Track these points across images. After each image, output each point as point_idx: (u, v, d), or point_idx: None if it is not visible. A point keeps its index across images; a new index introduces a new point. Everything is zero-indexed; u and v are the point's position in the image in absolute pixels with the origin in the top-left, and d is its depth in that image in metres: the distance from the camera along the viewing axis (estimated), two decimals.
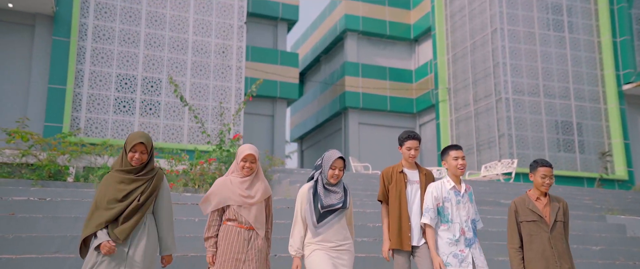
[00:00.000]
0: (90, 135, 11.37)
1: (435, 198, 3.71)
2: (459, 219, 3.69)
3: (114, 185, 3.19)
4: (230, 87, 13.01)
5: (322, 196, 3.46)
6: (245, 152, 3.43)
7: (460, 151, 3.81)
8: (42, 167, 7.02)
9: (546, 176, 3.77)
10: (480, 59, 16.54)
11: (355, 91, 18.94)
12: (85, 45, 11.81)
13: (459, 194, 3.76)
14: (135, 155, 3.19)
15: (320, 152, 21.39)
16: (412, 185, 3.83)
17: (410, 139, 3.86)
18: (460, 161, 3.75)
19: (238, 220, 3.39)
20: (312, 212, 3.45)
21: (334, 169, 3.47)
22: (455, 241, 3.63)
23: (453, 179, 3.76)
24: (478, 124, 16.42)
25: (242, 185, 3.41)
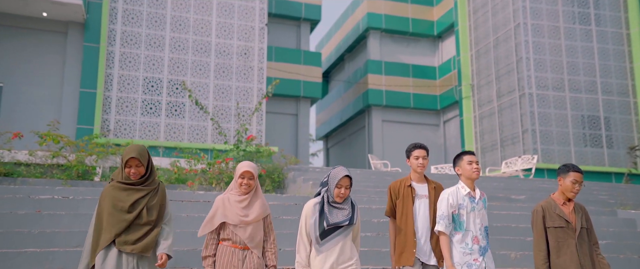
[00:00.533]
0: (119, 136, 11.92)
1: (451, 205, 3.62)
2: (473, 227, 3.61)
3: (117, 196, 3.18)
4: (252, 87, 13.37)
5: (327, 214, 3.36)
6: (243, 169, 3.39)
7: (474, 155, 3.75)
8: (71, 167, 7.49)
9: (577, 182, 3.69)
10: (503, 55, 16.41)
11: (378, 88, 19.06)
12: (114, 50, 12.37)
13: (474, 200, 3.67)
14: (131, 170, 3.19)
15: (345, 150, 21.60)
16: (420, 199, 3.74)
17: (417, 148, 3.78)
18: (474, 165, 3.67)
19: (232, 240, 3.34)
20: (316, 228, 3.36)
21: (340, 188, 3.36)
22: (469, 250, 3.56)
23: (468, 184, 3.68)
24: (502, 120, 16.30)
25: (239, 204, 3.37)
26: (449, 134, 19.29)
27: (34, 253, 4.29)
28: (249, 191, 3.41)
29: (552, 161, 14.98)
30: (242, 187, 3.39)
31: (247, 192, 3.40)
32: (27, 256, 4.24)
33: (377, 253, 5.18)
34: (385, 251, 5.28)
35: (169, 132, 12.38)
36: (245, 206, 3.35)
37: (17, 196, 5.28)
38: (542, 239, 3.65)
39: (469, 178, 3.66)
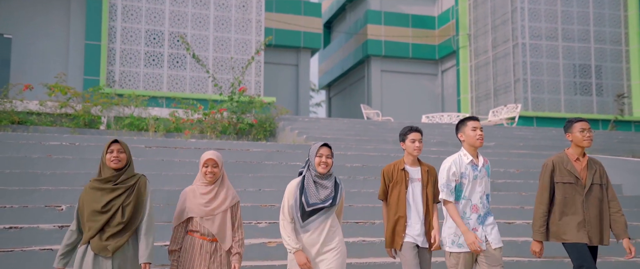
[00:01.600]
0: (124, 87, 12.58)
1: (453, 174, 3.54)
2: (473, 196, 3.55)
3: (93, 197, 3.12)
4: (251, 39, 13.83)
5: (309, 193, 3.32)
6: (206, 157, 3.34)
7: (478, 121, 3.66)
8: (78, 117, 8.20)
9: (584, 129, 3.66)
10: (499, 4, 16.57)
11: (377, 38, 19.35)
12: (116, 2, 12.82)
13: (477, 168, 3.60)
14: (113, 155, 3.15)
15: (346, 100, 22.15)
16: (413, 183, 3.72)
17: (412, 131, 3.75)
18: (479, 131, 3.59)
19: (200, 232, 3.30)
20: (297, 209, 3.34)
21: (321, 156, 3.34)
22: (467, 218, 3.51)
23: (470, 152, 3.60)
24: (496, 70, 16.68)
25: (205, 196, 3.32)
26: (447, 83, 19.70)
27: (47, 191, 5.04)
28: (215, 180, 3.35)
29: (542, 109, 15.48)
30: (206, 176, 3.33)
31: (212, 182, 3.34)
32: (41, 193, 5.00)
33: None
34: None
35: (171, 83, 13.01)
36: (211, 198, 3.31)
37: (30, 142, 6.02)
38: (545, 193, 3.66)
39: (472, 145, 3.59)
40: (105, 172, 3.15)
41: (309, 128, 8.54)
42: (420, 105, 19.42)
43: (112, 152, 3.15)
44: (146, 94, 12.18)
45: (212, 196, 3.30)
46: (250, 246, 4.72)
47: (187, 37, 13.21)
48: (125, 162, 3.20)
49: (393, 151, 7.38)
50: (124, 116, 8.59)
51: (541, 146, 8.60)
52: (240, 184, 5.63)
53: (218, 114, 8.45)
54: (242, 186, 5.62)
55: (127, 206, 3.11)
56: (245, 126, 8.59)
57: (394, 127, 9.67)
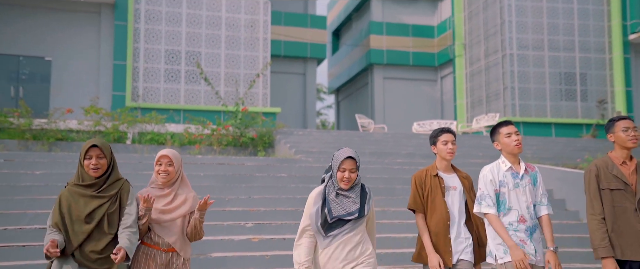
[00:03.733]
0: (147, 101, 14.34)
1: (492, 182, 3.31)
2: (517, 206, 3.28)
3: (74, 204, 2.87)
4: (258, 56, 15.45)
5: (331, 204, 3.04)
6: (159, 154, 3.06)
7: (512, 126, 3.40)
8: (108, 133, 9.92)
9: (628, 128, 3.31)
10: (490, 17, 17.81)
11: (379, 48, 20.77)
12: (139, 27, 14.57)
13: (518, 176, 3.34)
14: (91, 162, 2.87)
15: (352, 104, 23.63)
16: (451, 191, 3.46)
17: (444, 132, 3.51)
18: (514, 136, 3.34)
19: (154, 241, 3.01)
20: (318, 219, 3.04)
21: (343, 171, 3.02)
22: (515, 229, 3.24)
23: (509, 159, 3.37)
24: (487, 78, 17.95)
25: (161, 199, 3.03)
26: (446, 89, 21.00)
27: None
28: (169, 181, 3.07)
29: (529, 114, 16.72)
30: (159, 175, 3.05)
31: (167, 183, 3.06)
32: None
33: None
34: None
35: (188, 96, 14.72)
36: (169, 201, 3.04)
37: (67, 161, 7.74)
38: (597, 202, 3.28)
39: (510, 153, 3.35)
40: (86, 177, 2.90)
41: (300, 142, 10.10)
42: (421, 110, 20.78)
43: (91, 159, 2.89)
44: (165, 107, 13.93)
45: (169, 200, 3.02)
46: (238, 241, 6.29)
47: (201, 55, 14.90)
48: (106, 167, 2.94)
49: (368, 163, 8.85)
50: (146, 132, 10.30)
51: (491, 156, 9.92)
52: (234, 193, 7.23)
53: (224, 130, 10.08)
54: (235, 194, 7.21)
55: (113, 214, 2.89)
56: (247, 140, 10.21)
57: (377, 139, 11.15)
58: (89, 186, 2.93)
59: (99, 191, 2.94)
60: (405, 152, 9.72)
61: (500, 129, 3.44)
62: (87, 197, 2.91)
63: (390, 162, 8.96)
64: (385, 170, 8.48)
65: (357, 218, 3.06)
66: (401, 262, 6.14)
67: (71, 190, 2.93)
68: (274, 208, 7.08)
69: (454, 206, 3.47)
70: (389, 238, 6.52)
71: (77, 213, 2.87)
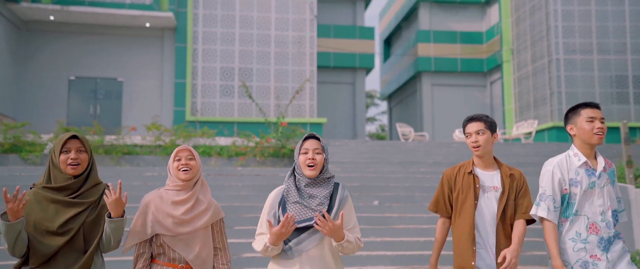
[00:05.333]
0: (204, 115, 15.77)
1: (559, 182, 2.69)
2: (591, 211, 2.65)
3: (42, 212, 2.30)
4: (305, 70, 16.49)
5: (290, 207, 2.43)
6: (178, 149, 2.58)
7: (597, 110, 2.73)
8: (167, 147, 11.29)
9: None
10: (537, 22, 17.81)
11: (427, 56, 21.20)
12: (197, 47, 16.06)
13: (594, 173, 2.69)
14: (69, 156, 2.34)
15: (403, 111, 24.16)
16: (487, 193, 2.81)
17: (470, 121, 2.87)
18: (597, 123, 2.67)
19: (168, 256, 2.47)
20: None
21: (306, 152, 2.47)
22: (583, 242, 2.62)
23: (584, 151, 2.71)
24: (535, 83, 17.95)
25: (177, 206, 2.50)
26: (495, 94, 21.06)
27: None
28: (192, 177, 2.55)
29: None
30: (180, 172, 2.53)
31: (189, 178, 2.53)
32: None
33: None
34: None
35: (241, 110, 16.02)
36: (187, 209, 2.50)
37: (133, 174, 9.07)
38: None
39: (586, 142, 2.70)
40: (59, 178, 2.35)
41: (333, 153, 10.96)
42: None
43: (69, 153, 2.37)
44: (221, 120, 15.30)
45: (190, 206, 2.49)
46: None
47: (253, 71, 16.16)
48: (87, 165, 2.42)
49: (392, 172, 9.58)
50: (199, 145, 11.58)
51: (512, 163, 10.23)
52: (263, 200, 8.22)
53: (266, 142, 11.16)
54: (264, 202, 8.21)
55: (92, 222, 2.37)
56: (287, 151, 11.21)
57: (409, 148, 11.80)
58: (61, 190, 2.34)
59: (75, 195, 2.36)
60: (431, 161, 10.32)
61: (582, 110, 2.73)
62: (59, 204, 2.33)
63: (414, 171, 9.62)
64: (408, 178, 9.16)
65: None
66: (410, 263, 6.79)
67: (38, 194, 2.35)
68: None
69: (488, 211, 2.76)
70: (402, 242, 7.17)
71: (45, 224, 2.30)
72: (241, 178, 8.97)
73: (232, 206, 7.98)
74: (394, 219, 7.83)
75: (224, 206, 7.93)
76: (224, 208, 7.89)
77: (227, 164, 10.93)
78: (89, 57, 15.78)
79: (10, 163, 10.13)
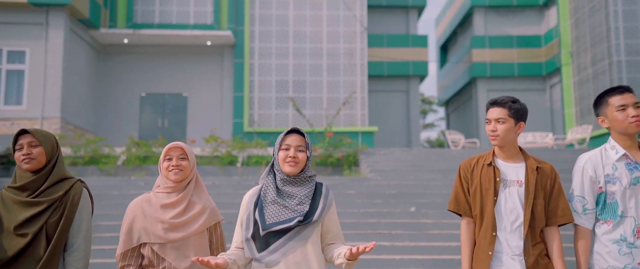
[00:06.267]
0: (261, 126, 16.71)
1: (591, 179, 2.38)
2: (636, 211, 2.30)
3: (8, 211, 2.21)
4: (356, 80, 17.04)
5: (267, 207, 2.19)
6: (168, 146, 2.35)
7: (630, 95, 2.38)
8: (223, 157, 12.23)
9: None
10: (596, 24, 17.30)
11: (482, 61, 21.07)
12: (254, 62, 17.07)
13: (638, 167, 2.33)
14: (22, 152, 2.22)
15: (460, 118, 24.03)
16: (509, 187, 2.42)
17: (494, 105, 2.50)
18: (632, 110, 2.32)
19: (157, 266, 2.22)
20: (249, 230, 2.19)
21: (287, 149, 2.24)
22: (629, 246, 2.28)
23: (622, 142, 2.37)
24: (596, 86, 17.39)
25: (169, 209, 2.27)
26: (555, 97, 20.54)
27: None
28: (183, 178, 2.32)
29: None
30: (170, 172, 2.31)
31: (179, 180, 2.31)
32: None
33: None
34: None
35: (295, 120, 16.81)
36: (179, 212, 2.27)
37: None
38: None
39: (623, 133, 2.37)
40: (22, 176, 2.26)
41: (378, 161, 11.42)
42: (529, 121, 20.57)
43: (22, 149, 2.26)
44: (276, 131, 16.15)
45: (182, 209, 2.28)
46: None
47: (306, 83, 16.93)
48: (46, 160, 2.28)
49: (432, 180, 9.89)
50: (253, 155, 12.45)
51: None
52: None
53: (313, 152, 11.81)
54: None
55: (54, 227, 2.22)
56: (333, 160, 11.82)
57: (453, 156, 12.01)
58: (23, 189, 2.25)
59: (35, 195, 2.24)
60: (438, 168, 10.54)
61: (610, 99, 2.38)
62: (20, 204, 2.23)
63: (453, 179, 9.88)
64: (446, 186, 9.46)
65: (302, 223, 2.15)
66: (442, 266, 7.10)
67: (4, 194, 2.29)
68: (340, 220, 8.54)
69: (510, 209, 2.38)
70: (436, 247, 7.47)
71: (7, 223, 2.22)
72: None
73: None
74: (429, 225, 8.18)
75: None
76: None
77: None
78: (158, 75, 17.22)
79: (89, 174, 11.44)
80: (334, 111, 16.67)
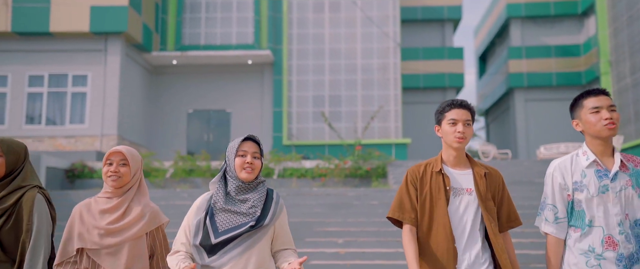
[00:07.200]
0: (299, 139, 17.63)
1: (560, 186, 2.29)
2: (607, 221, 2.21)
3: None
4: (389, 94, 17.67)
5: (218, 215, 2.21)
6: (110, 151, 2.32)
7: (605, 97, 2.29)
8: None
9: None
10: (635, 32, 17.16)
11: (519, 72, 21.16)
12: (292, 79, 18.05)
13: (607, 175, 2.24)
14: None
15: (499, 128, 24.07)
16: (459, 196, 2.36)
17: (453, 107, 2.37)
18: (605, 113, 2.23)
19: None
20: (198, 237, 2.19)
21: (244, 155, 2.24)
22: (597, 258, 2.19)
23: (595, 147, 2.27)
24: (635, 96, 17.22)
25: (107, 214, 2.23)
26: None
27: None
28: (121, 185, 2.30)
29: None
30: (109, 178, 2.28)
31: (118, 187, 2.29)
32: None
33: None
34: None
35: (331, 133, 17.63)
36: (114, 218, 2.23)
37: None
38: None
39: (596, 137, 2.27)
40: None
41: (404, 172, 12.03)
42: (568, 130, 20.44)
43: None
44: (313, 144, 17.03)
45: (119, 215, 2.25)
46: (329, 253, 8.59)
47: (341, 97, 17.73)
48: (5, 171, 2.26)
49: None
50: (288, 168, 13.34)
51: None
52: (334, 217, 9.58)
53: (343, 165, 12.57)
54: (334, 218, 9.56)
55: (7, 235, 2.19)
56: (363, 172, 12.52)
57: None
58: None
59: None
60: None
61: (584, 101, 2.31)
62: None
63: None
64: None
65: (254, 228, 2.19)
66: None
67: None
68: (362, 229, 9.24)
69: (466, 218, 2.34)
70: None
71: None
72: (315, 197, 10.46)
73: (306, 221, 9.48)
74: None
75: (299, 222, 9.45)
76: (299, 223, 9.39)
77: (312, 184, 12.51)
78: (203, 93, 18.51)
79: None
80: (369, 124, 17.36)
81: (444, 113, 2.41)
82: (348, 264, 8.43)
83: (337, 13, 18.05)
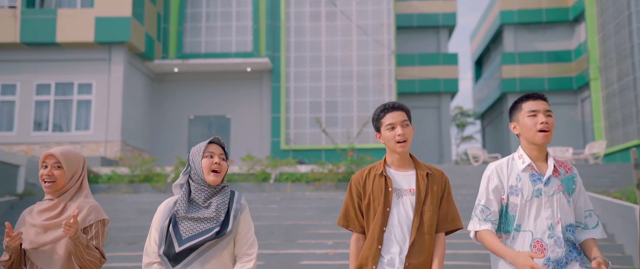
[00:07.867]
0: (297, 144, 18.20)
1: (497, 189, 2.29)
2: (535, 226, 2.22)
3: None
4: (384, 100, 18.22)
5: (181, 222, 2.18)
6: (44, 154, 2.30)
7: (542, 102, 2.33)
8: (258, 175, 13.76)
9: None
10: (621, 40, 17.66)
11: (512, 77, 21.67)
12: (289, 85, 18.63)
13: (541, 179, 2.25)
14: None
15: (495, 132, 24.56)
16: (402, 197, 2.35)
17: (389, 110, 2.40)
18: (541, 117, 2.25)
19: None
20: (162, 246, 2.17)
21: (211, 156, 2.24)
22: None
23: (530, 152, 2.30)
24: (622, 101, 17.71)
25: (44, 213, 2.26)
26: (586, 111, 20.83)
27: None
28: (55, 189, 2.30)
29: None
30: (45, 183, 2.29)
31: (52, 191, 2.29)
32: None
33: None
34: None
35: (328, 138, 18.20)
36: (51, 216, 2.26)
37: None
38: None
39: (531, 141, 2.29)
40: None
41: None
42: (562, 133, 20.93)
43: None
44: (310, 148, 17.59)
45: (55, 213, 2.26)
46: (319, 254, 9.13)
47: (337, 103, 18.30)
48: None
49: None
50: (284, 173, 13.91)
51: None
52: (325, 220, 10.13)
53: (336, 169, 13.12)
54: (326, 220, 10.11)
55: None
56: None
57: (466, 172, 12.95)
58: None
59: None
60: (478, 183, 11.47)
61: (523, 104, 2.36)
62: None
63: (464, 193, 10.90)
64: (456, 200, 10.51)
65: (216, 235, 2.19)
66: None
67: None
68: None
69: (404, 219, 2.34)
70: None
71: None
72: (308, 201, 11.03)
73: (298, 224, 10.03)
74: None
75: (291, 224, 10.01)
76: (292, 225, 9.95)
77: (306, 189, 13.07)
78: (204, 99, 19.12)
79: (143, 191, 13.26)
80: (364, 129, 17.91)
81: (380, 120, 2.42)
82: (336, 264, 8.97)
83: (333, 22, 18.63)
